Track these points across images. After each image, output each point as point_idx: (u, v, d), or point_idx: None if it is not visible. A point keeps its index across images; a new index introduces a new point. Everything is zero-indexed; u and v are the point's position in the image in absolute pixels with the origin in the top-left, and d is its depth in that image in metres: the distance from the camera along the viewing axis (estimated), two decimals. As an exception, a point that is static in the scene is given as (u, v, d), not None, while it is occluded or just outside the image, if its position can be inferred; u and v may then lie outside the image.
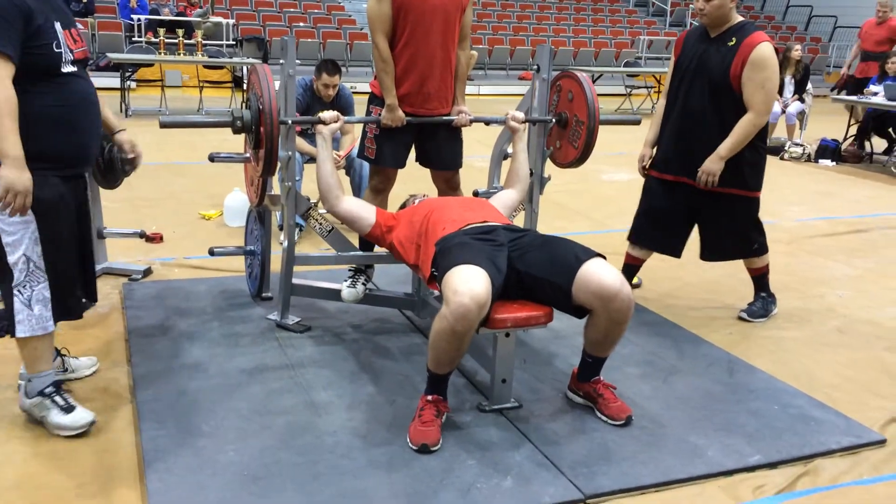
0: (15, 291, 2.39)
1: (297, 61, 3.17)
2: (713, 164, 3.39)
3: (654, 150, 3.71)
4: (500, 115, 3.46)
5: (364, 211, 3.13)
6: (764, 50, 3.30)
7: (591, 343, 2.69)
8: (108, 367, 2.97)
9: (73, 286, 2.54)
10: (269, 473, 2.32)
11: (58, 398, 2.49)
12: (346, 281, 3.45)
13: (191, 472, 2.30)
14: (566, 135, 3.45)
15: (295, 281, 3.41)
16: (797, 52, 8.98)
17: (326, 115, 3.14)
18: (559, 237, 2.76)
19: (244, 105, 2.98)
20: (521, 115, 3.39)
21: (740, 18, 3.44)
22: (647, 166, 3.74)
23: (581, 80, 3.33)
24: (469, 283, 2.36)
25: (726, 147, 3.37)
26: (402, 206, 3.28)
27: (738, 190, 3.49)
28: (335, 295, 3.45)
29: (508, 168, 3.41)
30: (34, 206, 2.32)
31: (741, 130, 3.35)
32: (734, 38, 3.35)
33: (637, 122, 3.83)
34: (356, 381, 2.93)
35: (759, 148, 3.51)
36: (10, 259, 2.35)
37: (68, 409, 2.49)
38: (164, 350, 3.10)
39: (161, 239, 4.62)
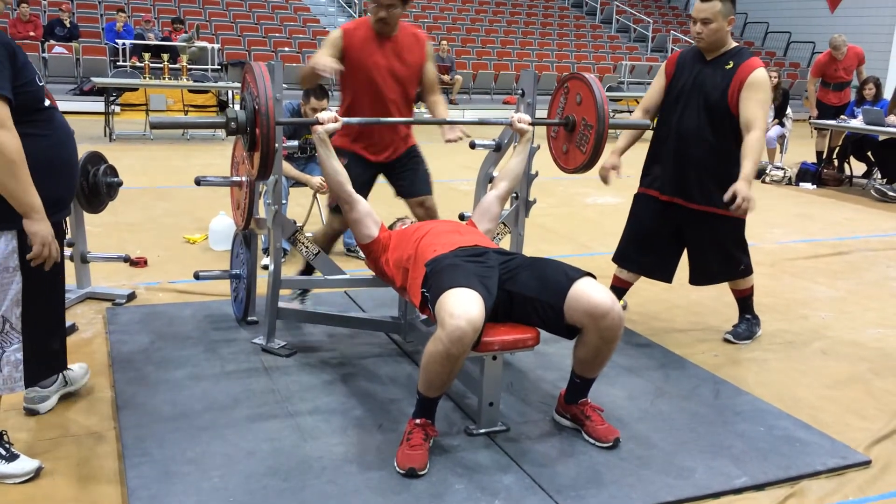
0: None
1: (284, 85, 3.19)
2: (747, 190, 3.26)
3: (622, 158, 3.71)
4: (504, 118, 3.33)
5: (370, 220, 3.10)
6: (762, 73, 3.36)
7: (580, 363, 2.70)
8: (91, 392, 2.94)
9: (49, 348, 2.42)
10: (254, 500, 2.29)
11: (0, 449, 2.38)
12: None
13: (175, 500, 2.27)
14: (573, 139, 3.29)
15: (281, 305, 3.39)
16: (774, 77, 9.14)
17: (324, 115, 3.03)
18: (548, 259, 2.77)
19: (241, 106, 2.91)
20: (527, 118, 3.29)
21: (735, 43, 3.49)
22: (606, 174, 3.69)
23: (590, 83, 3.16)
24: (465, 306, 2.37)
25: (748, 169, 3.28)
26: (390, 228, 3.28)
27: (726, 211, 3.52)
28: (322, 319, 3.44)
29: (504, 164, 3.33)
30: (25, 265, 2.21)
31: (753, 150, 3.30)
32: (731, 62, 3.40)
33: (647, 127, 3.64)
34: (343, 406, 2.92)
35: None
36: None
37: (10, 457, 2.37)
38: (149, 375, 3.07)
39: (145, 263, 4.59)
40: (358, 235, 3.14)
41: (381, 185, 3.76)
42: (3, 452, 2.37)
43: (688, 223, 3.57)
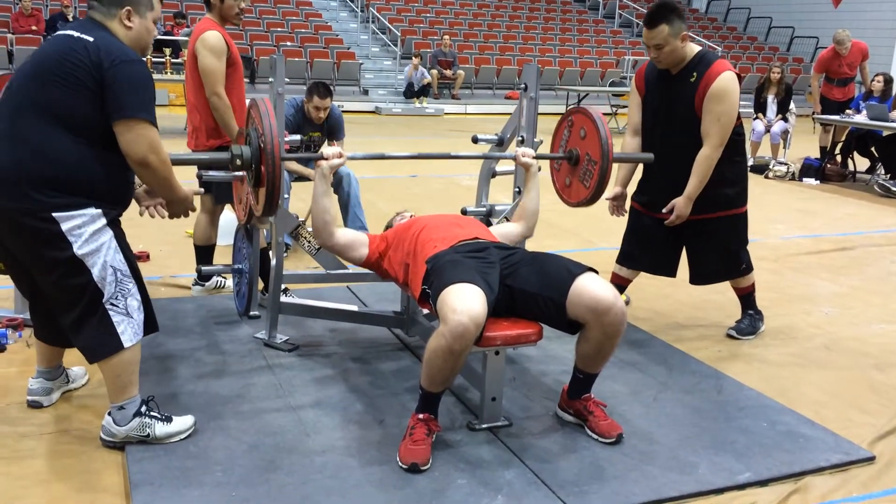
0: (107, 307, 2.38)
1: (285, 80, 3.18)
2: (684, 208, 3.39)
3: (627, 188, 3.70)
4: (510, 153, 3.27)
5: (357, 242, 3.01)
6: (724, 81, 3.26)
7: (582, 358, 2.69)
8: (93, 387, 2.94)
9: (148, 301, 2.55)
10: (257, 494, 2.29)
11: (154, 413, 2.54)
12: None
13: (178, 494, 2.27)
14: (577, 173, 3.27)
15: (283, 299, 3.39)
16: (777, 72, 9.12)
17: (329, 150, 2.93)
18: (549, 253, 2.76)
19: (245, 140, 2.86)
20: (531, 151, 3.20)
21: (697, 49, 3.38)
22: (617, 206, 3.72)
23: (594, 118, 3.14)
24: (467, 302, 2.36)
25: (692, 187, 3.36)
26: (388, 226, 3.26)
27: (723, 212, 3.50)
28: (324, 313, 3.44)
29: (518, 204, 3.28)
30: (110, 223, 2.38)
31: (700, 168, 3.34)
32: (695, 73, 3.32)
33: (650, 160, 3.51)
34: (345, 400, 2.92)
35: (738, 163, 3.51)
36: (95, 273, 2.33)
37: (168, 418, 2.55)
38: (151, 370, 3.07)
39: (147, 258, 4.59)
40: (350, 261, 3.07)
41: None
42: (160, 416, 2.54)
43: (686, 232, 3.54)
